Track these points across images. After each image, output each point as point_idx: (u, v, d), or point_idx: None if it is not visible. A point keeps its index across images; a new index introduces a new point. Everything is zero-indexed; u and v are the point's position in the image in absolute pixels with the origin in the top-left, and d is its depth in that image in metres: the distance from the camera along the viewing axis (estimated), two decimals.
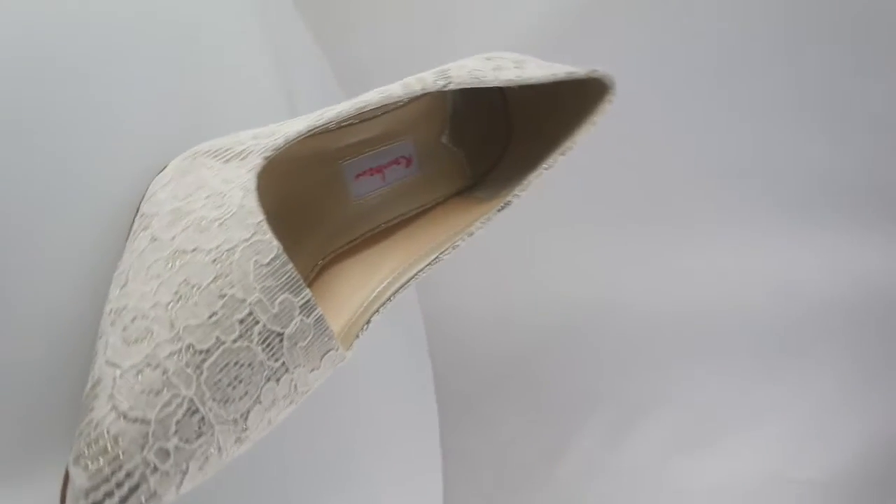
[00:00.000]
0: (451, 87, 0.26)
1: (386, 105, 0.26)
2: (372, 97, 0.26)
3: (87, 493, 0.19)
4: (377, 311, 0.25)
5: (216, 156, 0.24)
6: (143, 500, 0.19)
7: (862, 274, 0.61)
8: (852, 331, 0.63)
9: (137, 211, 0.24)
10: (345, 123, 0.27)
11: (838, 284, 0.61)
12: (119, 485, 0.19)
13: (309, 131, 0.24)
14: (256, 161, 0.23)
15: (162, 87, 0.25)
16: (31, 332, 0.21)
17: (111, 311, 0.21)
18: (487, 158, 0.31)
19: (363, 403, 0.42)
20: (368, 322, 0.25)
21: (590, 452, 0.65)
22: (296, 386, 0.22)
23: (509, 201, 0.28)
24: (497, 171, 0.31)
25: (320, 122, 0.25)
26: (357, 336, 0.24)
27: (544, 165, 0.28)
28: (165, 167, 0.25)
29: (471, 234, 0.27)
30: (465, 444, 0.63)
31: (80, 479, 0.19)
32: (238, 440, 0.21)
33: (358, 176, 0.28)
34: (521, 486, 0.65)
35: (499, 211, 0.28)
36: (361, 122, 0.28)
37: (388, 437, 0.47)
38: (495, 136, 0.31)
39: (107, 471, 0.19)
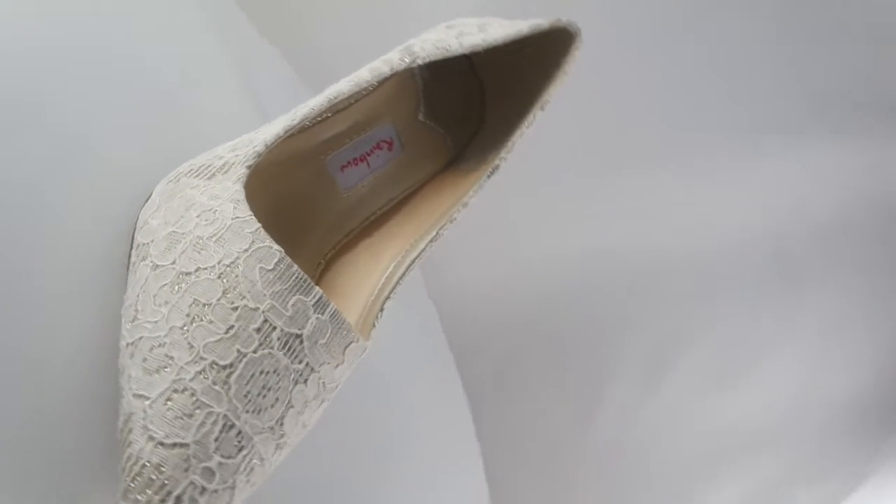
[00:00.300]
0: (419, 62, 0.26)
1: (358, 93, 0.27)
2: (342, 87, 0.26)
3: None
4: (388, 296, 0.25)
5: (199, 174, 0.24)
6: None
7: (859, 184, 0.61)
8: (856, 243, 0.63)
9: (132, 243, 0.24)
10: (320, 118, 0.27)
11: (836, 198, 0.62)
12: None
13: (286, 133, 0.25)
14: (240, 171, 0.24)
15: (132, 116, 0.25)
16: (51, 382, 0.22)
17: (127, 345, 0.21)
18: (467, 127, 0.31)
19: (390, 399, 0.43)
20: (382, 309, 0.25)
21: (623, 405, 0.66)
22: (324, 384, 0.23)
23: (497, 165, 0.29)
24: (479, 139, 0.31)
25: (295, 122, 0.25)
26: (373, 325, 0.25)
27: (525, 123, 0.29)
28: (151, 195, 0.25)
29: (465, 205, 0.28)
30: (499, 421, 0.63)
31: None
32: (278, 447, 0.22)
33: (343, 168, 0.28)
34: (562, 451, 0.66)
35: (489, 177, 0.28)
36: (336, 113, 0.28)
37: (421, 428, 0.47)
38: (470, 104, 0.31)
39: (156, 500, 0.19)
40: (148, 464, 0.20)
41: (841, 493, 0.66)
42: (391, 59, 0.26)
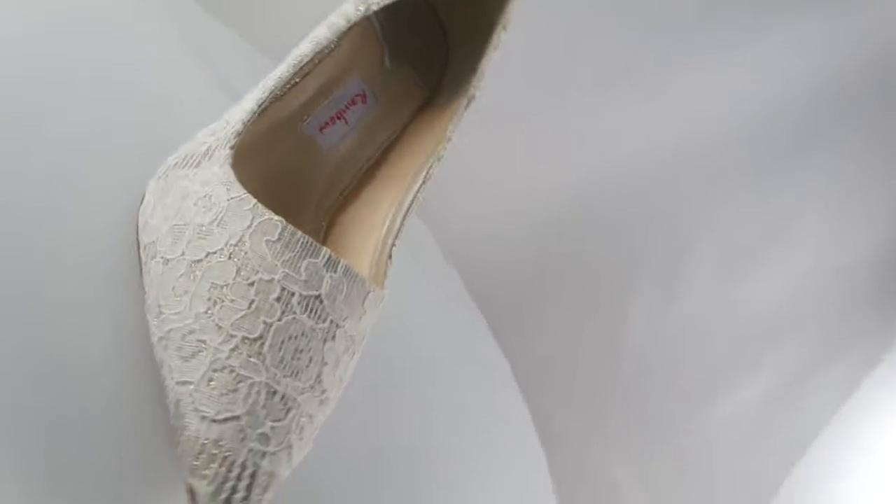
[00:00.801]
0: (374, 8, 0.27)
1: (320, 52, 0.28)
2: (303, 49, 0.27)
3: (214, 496, 0.21)
4: (394, 244, 0.27)
5: (185, 164, 0.26)
6: (264, 482, 0.22)
7: (854, 41, 0.61)
8: (853, 106, 0.64)
9: (138, 245, 0.25)
10: (289, 85, 0.28)
11: (826, 65, 0.62)
12: (239, 477, 0.21)
13: (259, 106, 0.26)
14: (224, 153, 0.25)
15: (113, 121, 0.27)
16: (95, 389, 0.24)
17: (159, 339, 0.23)
18: (435, 64, 0.32)
19: (421, 361, 0.45)
20: (391, 256, 0.27)
21: (649, 315, 0.68)
22: (352, 337, 0.24)
23: (473, 95, 0.30)
24: (449, 72, 0.32)
25: (266, 94, 0.26)
26: (385, 274, 0.27)
27: (491, 47, 0.30)
28: (144, 196, 0.26)
29: (450, 140, 0.29)
30: (531, 355, 0.66)
31: (203, 488, 0.21)
32: (321, 402, 0.24)
33: (322, 129, 0.29)
34: (597, 372, 0.68)
35: (466, 108, 0.29)
36: (303, 78, 0.29)
37: (458, 379, 0.49)
38: (433, 40, 0.32)
39: (223, 471, 0.21)
40: (207, 441, 0.22)
41: (864, 367, 0.69)
42: (347, 12, 0.27)
